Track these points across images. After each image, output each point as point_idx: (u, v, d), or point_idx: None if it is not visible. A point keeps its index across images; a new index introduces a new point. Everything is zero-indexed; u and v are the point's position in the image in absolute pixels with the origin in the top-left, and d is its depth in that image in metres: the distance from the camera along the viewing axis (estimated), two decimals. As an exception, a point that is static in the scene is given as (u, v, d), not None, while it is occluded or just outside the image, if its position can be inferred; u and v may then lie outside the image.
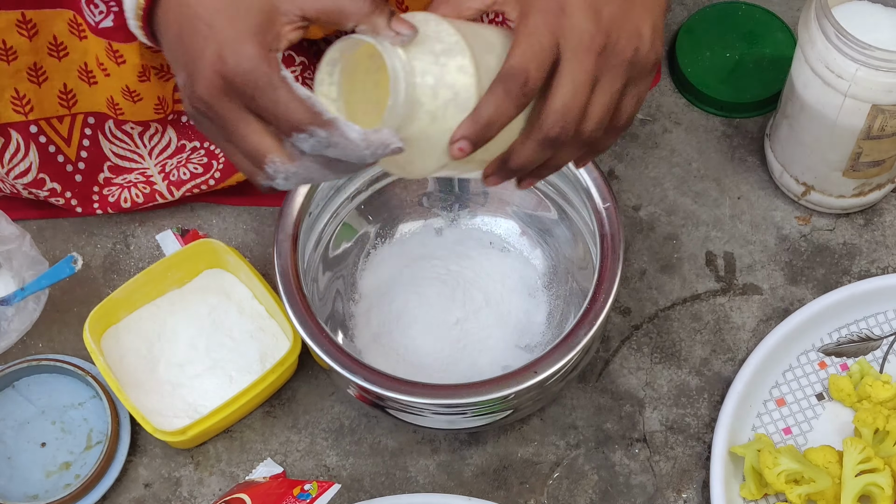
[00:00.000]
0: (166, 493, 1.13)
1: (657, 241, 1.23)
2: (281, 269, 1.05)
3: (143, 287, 1.16)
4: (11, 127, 1.14)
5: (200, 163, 1.21)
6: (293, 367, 1.14)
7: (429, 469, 1.13)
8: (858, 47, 1.06)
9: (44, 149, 1.15)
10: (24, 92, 1.12)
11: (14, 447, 1.13)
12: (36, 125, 1.14)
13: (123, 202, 1.21)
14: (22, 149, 1.15)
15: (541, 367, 1.00)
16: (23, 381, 1.16)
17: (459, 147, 0.79)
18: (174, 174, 1.21)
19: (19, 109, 1.13)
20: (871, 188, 1.21)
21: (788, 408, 1.14)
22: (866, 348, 1.17)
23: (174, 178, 1.21)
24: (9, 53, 1.09)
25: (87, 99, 1.14)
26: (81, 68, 1.12)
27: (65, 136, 1.16)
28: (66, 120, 1.15)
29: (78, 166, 1.18)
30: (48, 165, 1.17)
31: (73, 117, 1.15)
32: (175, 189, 1.21)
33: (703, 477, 1.12)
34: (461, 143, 0.79)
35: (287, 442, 1.15)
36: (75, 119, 1.15)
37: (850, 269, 1.21)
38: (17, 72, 1.10)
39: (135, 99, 1.11)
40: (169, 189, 1.21)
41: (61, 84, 1.13)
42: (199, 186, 1.21)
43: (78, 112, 1.15)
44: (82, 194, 1.20)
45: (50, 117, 1.14)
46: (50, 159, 1.16)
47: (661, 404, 1.15)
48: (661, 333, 1.18)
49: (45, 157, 1.16)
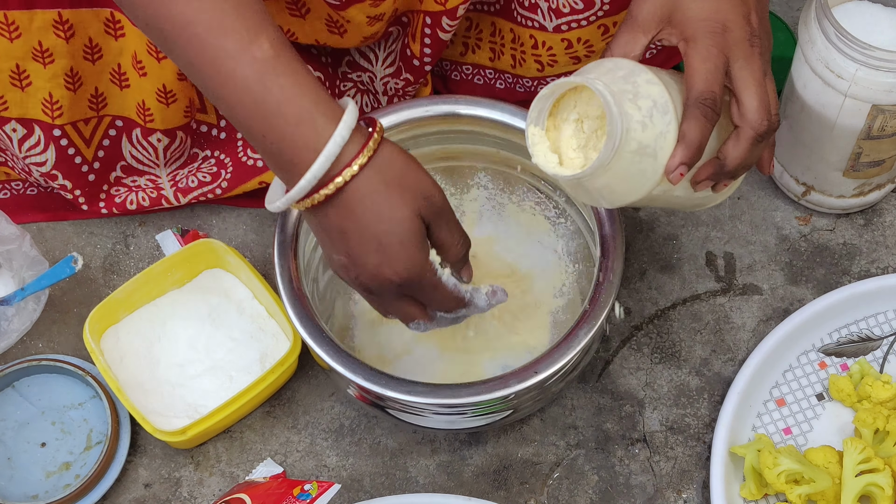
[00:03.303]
0: (166, 493, 1.13)
1: (657, 241, 1.23)
2: (281, 269, 1.05)
3: (143, 287, 1.16)
4: (36, 123, 1.14)
5: (210, 172, 1.21)
6: (293, 367, 1.14)
7: (429, 469, 1.13)
8: (858, 47, 1.06)
9: (63, 150, 1.16)
10: (57, 98, 1.12)
11: (14, 447, 1.13)
12: (60, 129, 1.14)
13: (129, 204, 1.21)
14: (42, 144, 1.15)
15: (541, 367, 1.00)
16: (23, 381, 1.16)
17: (680, 172, 0.90)
18: (182, 182, 1.21)
19: (48, 113, 1.13)
20: (871, 188, 1.21)
21: (788, 408, 1.14)
22: (866, 348, 1.17)
23: (182, 185, 1.21)
24: (45, 55, 1.09)
25: (116, 103, 1.15)
26: (114, 70, 1.12)
27: (86, 138, 1.17)
28: (93, 122, 1.16)
29: (93, 166, 1.19)
30: (64, 164, 1.17)
31: (99, 119, 1.16)
32: (182, 196, 1.21)
33: (703, 477, 1.12)
34: (680, 168, 0.90)
35: (287, 442, 1.14)
36: (101, 121, 1.16)
37: (850, 270, 1.21)
38: (53, 76, 1.11)
39: (168, 101, 1.12)
40: (176, 196, 1.21)
41: (93, 88, 1.14)
42: (205, 195, 1.21)
43: (106, 115, 1.16)
44: (91, 192, 1.21)
45: (77, 121, 1.15)
46: (67, 159, 1.17)
47: (661, 404, 1.15)
48: (661, 333, 1.18)
49: (62, 156, 1.16)
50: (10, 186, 1.25)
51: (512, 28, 1.16)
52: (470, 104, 1.10)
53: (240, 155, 1.20)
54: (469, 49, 1.21)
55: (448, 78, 1.25)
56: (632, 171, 0.90)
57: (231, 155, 1.21)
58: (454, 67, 1.23)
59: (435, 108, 1.11)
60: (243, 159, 1.20)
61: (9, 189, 1.25)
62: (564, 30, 1.13)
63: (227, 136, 1.20)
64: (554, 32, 1.13)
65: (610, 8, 1.10)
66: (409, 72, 1.16)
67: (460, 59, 1.22)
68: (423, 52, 1.13)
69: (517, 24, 1.15)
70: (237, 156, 1.20)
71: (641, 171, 0.90)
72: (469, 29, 1.19)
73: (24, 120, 1.13)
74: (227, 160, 1.21)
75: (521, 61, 1.18)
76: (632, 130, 0.88)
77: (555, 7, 1.11)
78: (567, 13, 1.11)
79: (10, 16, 1.07)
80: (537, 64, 1.17)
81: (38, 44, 1.09)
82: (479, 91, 1.24)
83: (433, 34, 1.11)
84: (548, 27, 1.13)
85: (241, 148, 1.20)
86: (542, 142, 0.93)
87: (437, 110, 1.11)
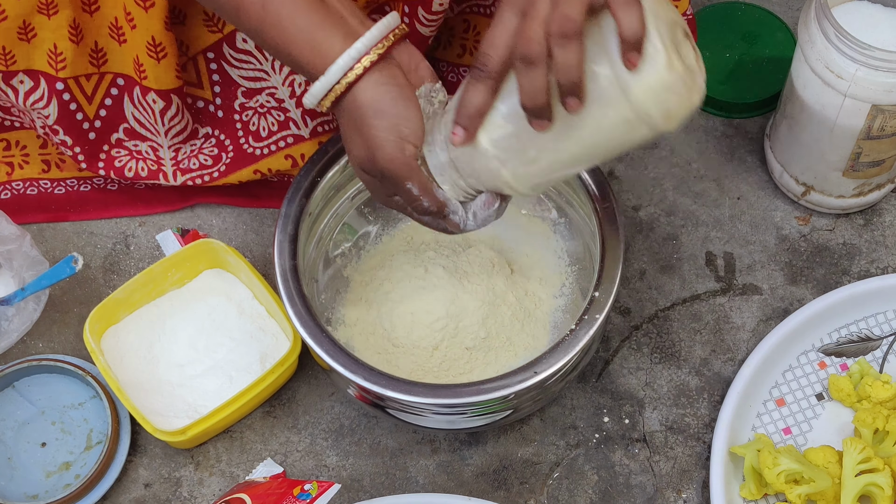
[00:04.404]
0: (166, 493, 1.13)
1: (657, 242, 1.23)
2: (281, 269, 1.05)
3: (143, 287, 1.16)
4: (42, 75, 1.15)
5: (211, 154, 1.22)
6: (293, 367, 1.14)
7: (429, 469, 1.13)
8: (858, 47, 1.06)
9: (65, 105, 1.17)
10: (61, 49, 1.14)
11: (14, 447, 1.13)
12: (63, 83, 1.16)
13: (128, 171, 1.22)
14: (45, 98, 1.16)
15: (541, 367, 1.00)
16: (23, 381, 1.16)
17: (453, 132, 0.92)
18: (184, 162, 1.21)
19: (52, 64, 1.14)
20: (870, 188, 1.21)
21: (788, 408, 1.14)
22: (866, 348, 1.17)
23: (183, 165, 1.21)
24: (49, 7, 1.11)
25: (116, 58, 1.16)
26: (112, 24, 1.13)
27: (88, 95, 1.18)
28: (94, 78, 1.17)
29: (94, 124, 1.20)
30: (65, 119, 1.18)
31: (101, 76, 1.17)
32: (180, 174, 1.22)
33: (703, 477, 1.12)
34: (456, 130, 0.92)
35: (287, 442, 1.15)
36: (103, 78, 1.17)
37: (849, 270, 1.21)
38: (58, 27, 1.12)
39: (158, 55, 1.12)
40: (174, 173, 1.21)
41: (93, 42, 1.15)
42: (202, 177, 1.22)
43: (107, 72, 1.17)
44: (91, 151, 1.21)
45: (79, 75, 1.16)
46: (68, 115, 1.18)
47: (661, 404, 1.15)
48: (661, 333, 1.18)
49: (63, 111, 1.17)
50: (10, 187, 1.25)
51: None
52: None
53: (241, 140, 1.20)
54: (466, 51, 1.21)
55: (445, 80, 1.25)
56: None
57: (232, 138, 1.21)
58: (451, 69, 1.23)
59: (435, 108, 1.11)
60: (244, 146, 1.20)
61: (9, 189, 1.25)
62: None
63: (224, 115, 1.21)
64: None
65: None
66: None
67: (457, 61, 1.22)
68: None
69: None
70: (238, 140, 1.21)
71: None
72: (467, 31, 1.19)
73: (31, 71, 1.15)
74: (229, 144, 1.21)
75: None
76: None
77: None
78: None
79: None
80: None
81: None
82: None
83: (411, 25, 1.11)
84: None
85: (243, 134, 1.20)
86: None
87: (436, 110, 1.10)
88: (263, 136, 1.20)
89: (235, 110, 1.20)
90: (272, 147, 1.20)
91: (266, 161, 1.20)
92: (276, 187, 1.25)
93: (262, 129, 1.19)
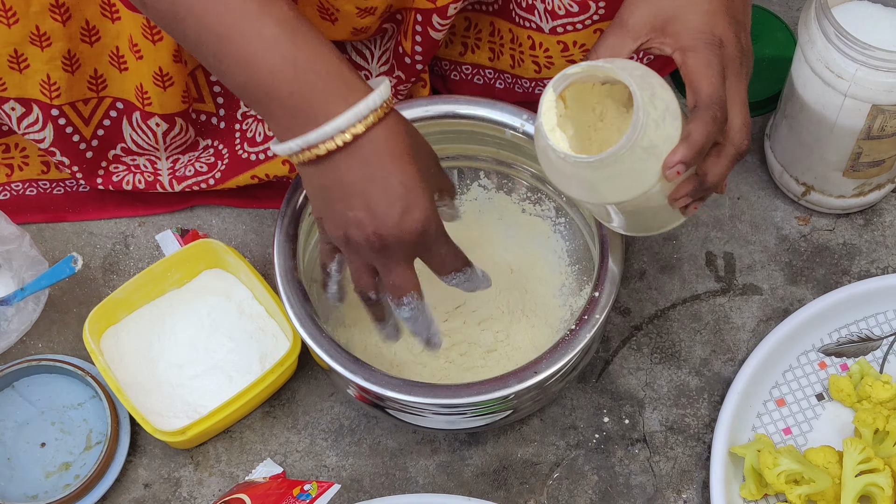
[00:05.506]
0: (166, 493, 1.13)
1: (657, 241, 1.23)
2: (281, 269, 1.05)
3: (142, 287, 1.16)
4: (35, 102, 1.15)
5: (207, 161, 1.22)
6: (293, 367, 1.14)
7: (428, 469, 1.13)
8: (858, 47, 1.05)
9: (61, 129, 1.17)
10: (55, 79, 1.13)
11: (14, 448, 1.13)
12: (59, 109, 1.15)
13: (125, 184, 1.22)
14: (40, 123, 1.16)
15: (541, 367, 1.00)
16: (22, 381, 1.16)
17: (677, 170, 0.89)
18: (181, 171, 1.21)
19: (45, 93, 1.14)
20: (871, 188, 1.21)
21: (788, 408, 1.14)
22: (866, 348, 1.17)
23: (180, 173, 1.21)
24: (42, 39, 1.10)
25: (116, 85, 1.16)
26: (113, 53, 1.13)
27: (85, 118, 1.18)
28: (92, 102, 1.17)
29: (91, 143, 1.20)
30: (61, 142, 1.18)
31: (99, 100, 1.17)
32: (176, 183, 1.22)
33: (703, 477, 1.12)
34: (678, 166, 0.89)
35: (287, 442, 1.14)
36: (102, 101, 1.17)
37: (849, 270, 1.21)
38: (51, 59, 1.11)
39: (165, 84, 1.12)
40: (171, 182, 1.21)
41: (92, 70, 1.14)
42: (199, 184, 1.22)
43: (106, 96, 1.17)
44: (89, 169, 1.21)
45: (76, 101, 1.16)
46: (64, 137, 1.18)
47: (661, 404, 1.15)
48: (661, 334, 1.18)
49: (60, 135, 1.17)
50: (10, 187, 1.25)
51: (510, 28, 1.16)
52: (469, 104, 1.11)
53: (237, 148, 1.21)
54: (468, 49, 1.21)
55: (447, 78, 1.25)
56: (635, 168, 0.91)
57: (229, 147, 1.21)
58: (454, 67, 1.23)
59: (434, 107, 1.11)
60: (240, 153, 1.20)
61: (9, 189, 1.25)
62: (560, 32, 1.13)
63: (226, 125, 1.21)
64: (550, 34, 1.13)
65: (605, 13, 1.10)
66: (401, 70, 1.16)
67: (460, 59, 1.22)
68: (414, 49, 1.13)
69: (515, 24, 1.15)
70: (234, 148, 1.21)
71: (644, 170, 0.91)
72: (468, 29, 1.19)
73: (23, 100, 1.14)
74: (225, 151, 1.21)
75: (519, 62, 1.18)
76: (647, 127, 0.89)
77: (550, 9, 1.11)
78: (562, 15, 1.11)
79: (8, 2, 1.08)
80: (535, 65, 1.17)
81: (35, 28, 1.09)
82: (478, 91, 1.24)
83: (424, 32, 1.11)
84: (544, 28, 1.13)
85: (239, 141, 1.20)
86: (553, 117, 0.92)
87: (436, 110, 1.11)
88: (259, 141, 1.19)
89: (238, 119, 1.20)
90: (268, 152, 1.19)
91: (263, 167, 1.20)
92: (275, 188, 1.25)
93: (257, 134, 1.19)
